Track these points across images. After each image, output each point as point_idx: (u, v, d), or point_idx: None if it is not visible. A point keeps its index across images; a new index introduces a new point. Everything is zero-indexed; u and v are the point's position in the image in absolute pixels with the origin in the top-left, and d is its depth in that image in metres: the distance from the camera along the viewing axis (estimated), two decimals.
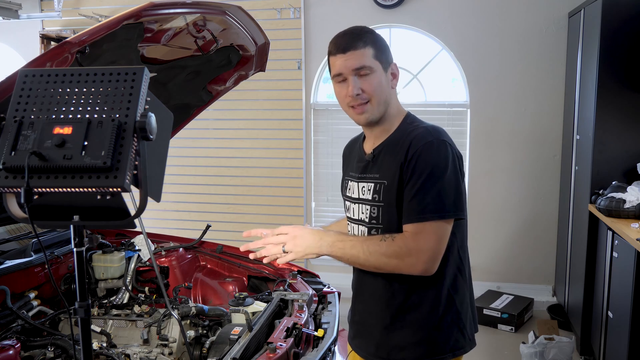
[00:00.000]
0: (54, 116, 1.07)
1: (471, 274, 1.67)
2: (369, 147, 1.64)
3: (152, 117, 1.06)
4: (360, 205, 1.61)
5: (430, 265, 1.45)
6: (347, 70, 1.51)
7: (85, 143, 1.03)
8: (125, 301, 2.30)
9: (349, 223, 1.70)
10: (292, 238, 1.52)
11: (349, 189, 1.68)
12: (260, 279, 2.49)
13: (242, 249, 1.72)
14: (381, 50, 1.54)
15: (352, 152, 1.75)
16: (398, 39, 4.47)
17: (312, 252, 1.51)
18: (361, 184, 1.62)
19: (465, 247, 1.62)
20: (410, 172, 1.47)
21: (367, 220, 1.58)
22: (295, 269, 2.39)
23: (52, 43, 4.72)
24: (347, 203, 1.69)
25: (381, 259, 1.46)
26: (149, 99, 1.11)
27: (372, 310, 1.62)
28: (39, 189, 1.03)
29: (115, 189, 1.02)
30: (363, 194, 1.60)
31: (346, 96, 1.53)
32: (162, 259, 2.54)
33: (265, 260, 1.58)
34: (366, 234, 1.59)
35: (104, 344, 1.93)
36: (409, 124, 1.59)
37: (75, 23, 4.84)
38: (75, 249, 1.14)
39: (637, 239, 2.49)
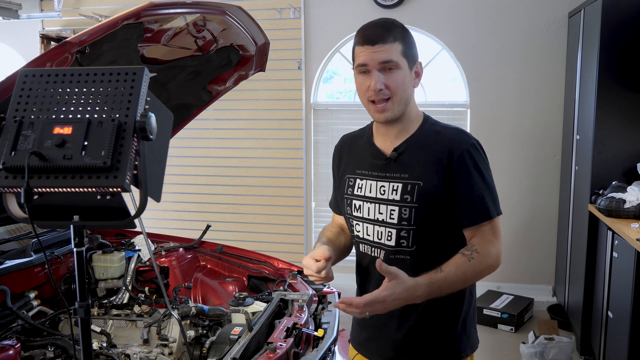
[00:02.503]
0: (54, 116, 1.07)
1: None
2: (386, 145, 1.58)
3: (152, 117, 1.06)
4: (380, 205, 1.55)
5: (501, 261, 1.50)
6: (373, 62, 1.46)
7: (85, 143, 1.03)
8: (125, 301, 2.30)
9: (358, 223, 1.61)
10: (389, 304, 1.39)
11: (360, 188, 1.60)
12: (260, 279, 2.49)
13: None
14: (409, 47, 1.50)
15: (356, 149, 1.67)
16: None
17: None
18: (381, 183, 1.55)
19: None
20: (461, 175, 1.47)
21: (395, 221, 1.52)
22: (295, 269, 2.39)
23: (52, 43, 4.72)
24: (357, 202, 1.60)
25: (475, 278, 1.48)
26: (149, 99, 1.11)
27: (394, 313, 1.51)
28: (39, 189, 1.03)
29: (115, 189, 1.02)
30: (383, 194, 1.54)
31: (368, 90, 1.48)
32: (162, 259, 2.54)
33: None
34: (393, 235, 1.53)
35: (104, 344, 1.93)
36: (433, 125, 1.59)
37: (75, 23, 4.84)
38: (75, 249, 1.13)
39: (637, 239, 2.49)
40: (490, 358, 3.50)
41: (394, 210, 1.52)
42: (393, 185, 1.53)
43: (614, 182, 3.12)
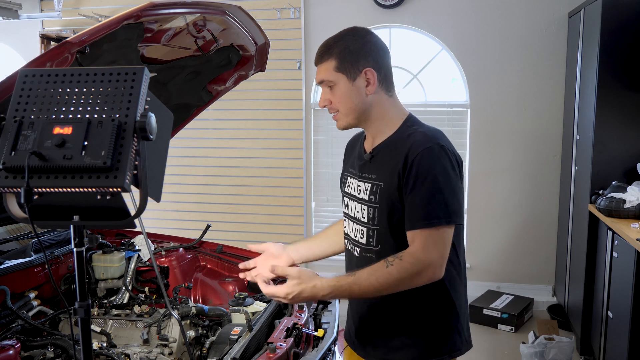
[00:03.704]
0: (54, 116, 1.07)
1: (467, 275, 1.68)
2: (368, 145, 1.65)
3: (152, 117, 1.06)
4: (357, 203, 1.63)
5: (441, 271, 1.46)
6: (317, 82, 1.61)
7: (85, 143, 1.03)
8: (125, 301, 2.30)
9: (346, 219, 1.70)
10: (291, 300, 1.50)
11: (348, 185, 1.69)
12: None
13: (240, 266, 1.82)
14: (347, 60, 1.53)
15: (354, 147, 1.74)
16: (398, 39, 4.47)
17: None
18: (358, 183, 1.63)
19: (462, 251, 1.63)
20: (411, 178, 1.47)
21: (365, 220, 1.59)
22: None
23: (52, 43, 4.72)
24: (345, 199, 1.70)
25: (396, 285, 1.45)
26: (149, 99, 1.11)
27: (369, 310, 1.64)
28: (39, 189, 1.03)
29: (115, 189, 1.02)
30: (359, 193, 1.62)
31: None
32: (162, 259, 2.54)
33: None
34: (364, 234, 1.59)
35: (104, 344, 1.93)
36: (409, 127, 1.58)
37: (75, 23, 4.84)
38: (75, 249, 1.13)
39: (637, 239, 2.49)
40: (490, 358, 3.50)
41: (364, 210, 1.59)
42: (365, 186, 1.60)
43: (614, 182, 3.12)
